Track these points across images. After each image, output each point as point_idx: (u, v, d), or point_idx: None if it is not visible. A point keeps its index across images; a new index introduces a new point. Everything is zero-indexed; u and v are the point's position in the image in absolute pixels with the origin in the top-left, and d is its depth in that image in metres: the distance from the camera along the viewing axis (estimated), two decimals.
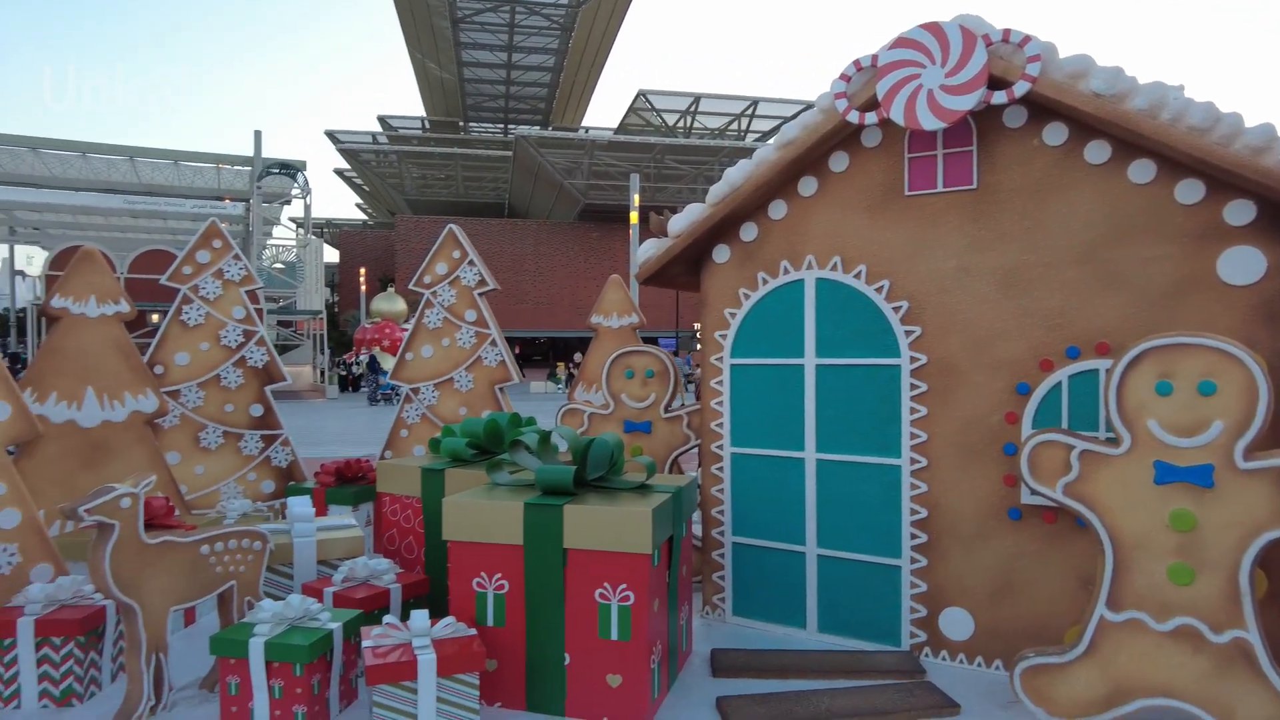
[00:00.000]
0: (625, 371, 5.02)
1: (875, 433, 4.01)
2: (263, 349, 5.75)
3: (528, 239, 43.31)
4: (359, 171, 47.16)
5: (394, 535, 4.51)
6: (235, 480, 5.59)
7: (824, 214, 4.17)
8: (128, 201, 33.61)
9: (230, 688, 3.11)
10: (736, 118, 40.37)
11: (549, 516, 3.25)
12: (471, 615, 3.33)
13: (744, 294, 4.37)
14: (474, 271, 6.02)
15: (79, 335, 4.62)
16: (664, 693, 3.42)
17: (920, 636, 3.89)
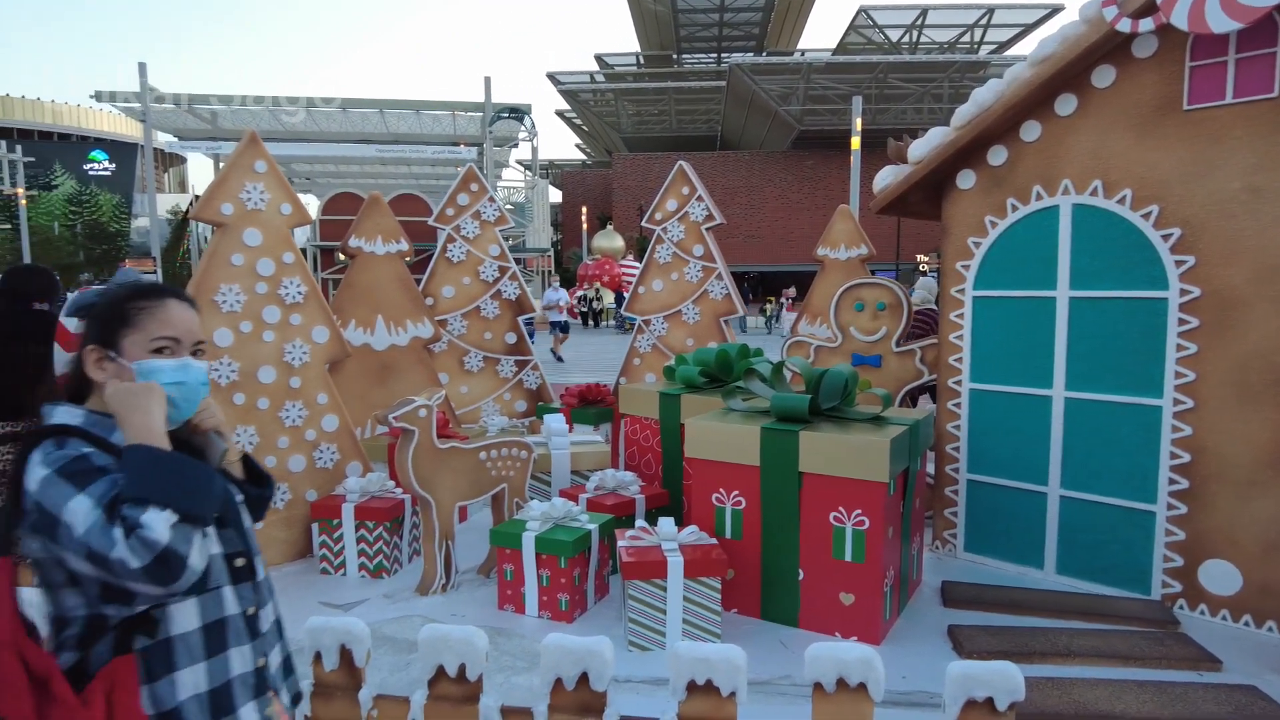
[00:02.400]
0: (855, 304, 5.00)
1: (1134, 371, 3.75)
2: (515, 283, 6.34)
3: (739, 171, 42.86)
4: (578, 111, 48.78)
5: (634, 452, 4.90)
6: (493, 399, 6.29)
7: (1084, 134, 3.87)
8: (379, 150, 37.32)
9: (506, 574, 3.63)
10: (969, 28, 36.88)
11: (785, 441, 3.41)
12: (711, 526, 3.60)
13: (990, 222, 4.18)
14: (702, 207, 6.19)
15: (370, 270, 5.38)
16: (895, 616, 3.52)
17: (1174, 587, 3.66)
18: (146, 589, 1.17)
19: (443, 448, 3.78)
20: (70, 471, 1.20)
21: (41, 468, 1.21)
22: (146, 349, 1.34)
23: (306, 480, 4.35)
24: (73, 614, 1.23)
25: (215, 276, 4.10)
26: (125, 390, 1.28)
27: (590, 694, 2.28)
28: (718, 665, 2.21)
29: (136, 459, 1.22)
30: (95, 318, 1.35)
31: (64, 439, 1.26)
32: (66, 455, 1.22)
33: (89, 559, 1.15)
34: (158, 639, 1.27)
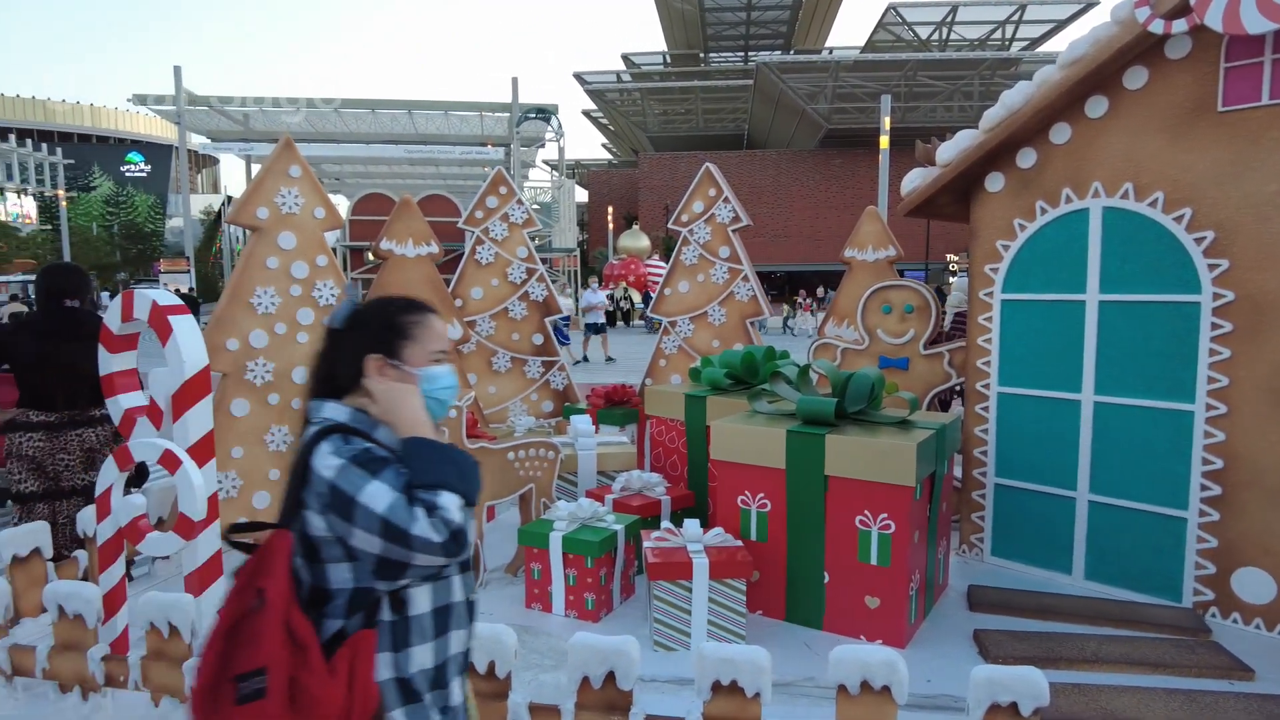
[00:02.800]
0: (882, 306, 5.00)
1: (1164, 376, 3.72)
2: (542, 284, 6.40)
3: (766, 170, 42.69)
4: (605, 111, 48.88)
5: (660, 453, 4.94)
6: (520, 400, 6.36)
7: (1115, 136, 3.84)
8: (407, 151, 37.68)
9: (534, 573, 3.68)
10: (1000, 25, 36.42)
11: (811, 444, 3.43)
12: (736, 528, 3.63)
13: (1019, 225, 4.16)
14: (728, 209, 6.20)
15: (401, 272, 5.46)
16: (920, 619, 3.52)
17: (1206, 595, 3.62)
18: (435, 561, 1.32)
19: (472, 448, 3.84)
20: (362, 461, 1.36)
21: (334, 457, 1.37)
22: (427, 358, 1.52)
23: None
24: (339, 587, 1.38)
25: (251, 279, 4.20)
26: (398, 390, 1.46)
27: (617, 692, 2.33)
28: (742, 666, 2.24)
29: (421, 449, 1.40)
30: (374, 331, 1.50)
31: (347, 434, 1.43)
32: (356, 447, 1.39)
33: (385, 535, 1.30)
34: (401, 616, 1.42)
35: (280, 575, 1.34)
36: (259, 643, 1.29)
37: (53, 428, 3.92)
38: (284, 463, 4.22)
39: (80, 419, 3.99)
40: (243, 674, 1.29)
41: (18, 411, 3.96)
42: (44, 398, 3.93)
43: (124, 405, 3.49)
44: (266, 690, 1.26)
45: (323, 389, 1.52)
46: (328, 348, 1.54)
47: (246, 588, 1.36)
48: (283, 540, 1.38)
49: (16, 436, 3.91)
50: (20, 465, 3.92)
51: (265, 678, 1.27)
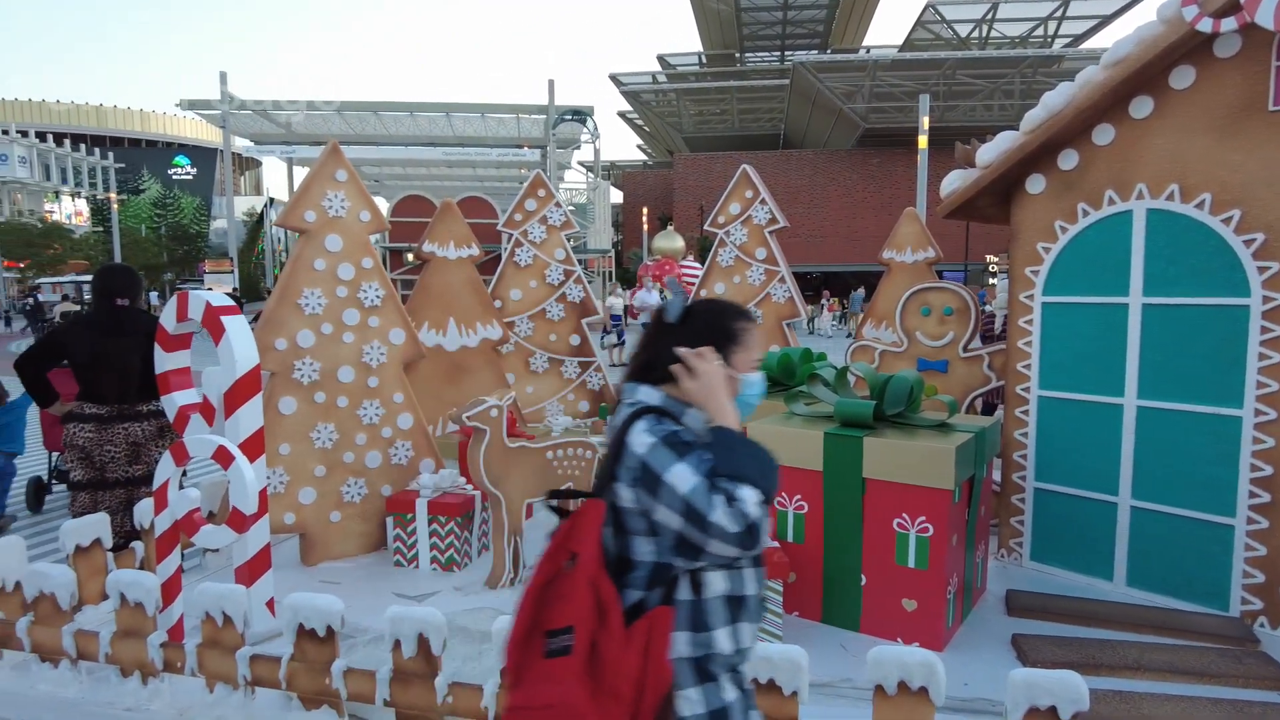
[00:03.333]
0: (921, 308, 4.97)
1: (1211, 380, 3.66)
2: (579, 286, 6.47)
3: (803, 170, 42.40)
4: (640, 112, 48.96)
5: None
6: (557, 399, 6.43)
7: (1160, 137, 3.78)
8: (445, 153, 38.14)
9: None
10: (1042, 21, 35.77)
11: (848, 447, 3.44)
12: (774, 529, 3.65)
13: (1060, 227, 4.12)
14: (765, 210, 6.22)
15: (442, 274, 5.57)
16: (958, 623, 3.51)
17: (1255, 604, 3.56)
18: (728, 550, 1.38)
19: (512, 446, 3.92)
20: (671, 442, 1.44)
21: (648, 435, 1.45)
22: (750, 365, 1.62)
23: (382, 476, 4.54)
24: (641, 559, 1.46)
25: (299, 280, 4.32)
26: (700, 386, 1.53)
27: None
28: (780, 665, 2.27)
29: (728, 440, 1.46)
30: (708, 331, 1.59)
31: (659, 415, 1.52)
32: (667, 429, 1.48)
33: (685, 515, 1.38)
34: (698, 598, 1.48)
35: (591, 540, 1.43)
36: (568, 601, 1.39)
37: (102, 420, 4.09)
38: (329, 459, 4.35)
39: (128, 413, 4.15)
40: (552, 630, 1.39)
41: (75, 404, 4.14)
42: (96, 392, 4.10)
43: (178, 402, 3.63)
44: (572, 648, 1.35)
45: (640, 374, 1.62)
46: (655, 337, 1.61)
47: (560, 549, 1.47)
48: (596, 509, 1.48)
49: (71, 427, 4.09)
50: (72, 454, 4.09)
51: (572, 635, 1.36)
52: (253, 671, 2.76)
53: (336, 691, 2.65)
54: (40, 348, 4.26)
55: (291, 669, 2.70)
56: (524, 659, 1.41)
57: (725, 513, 1.35)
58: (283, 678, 2.70)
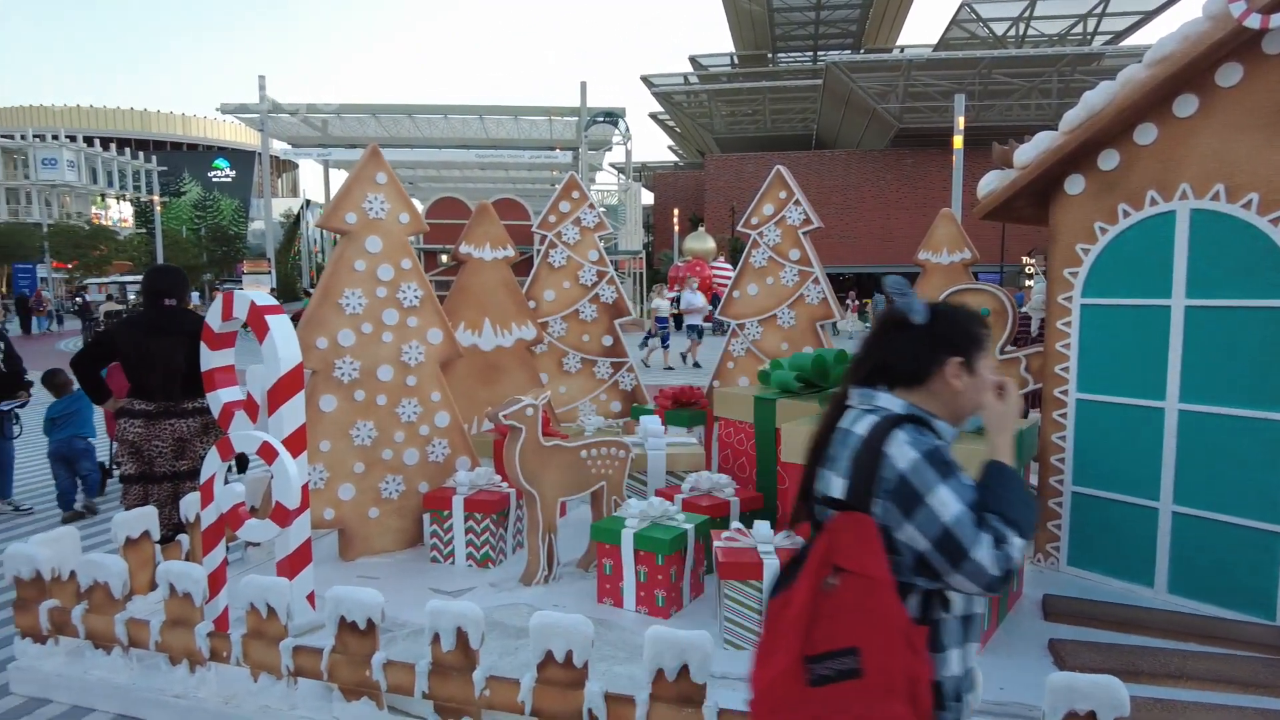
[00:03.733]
0: None
1: (1257, 384, 3.58)
2: (612, 287, 6.51)
3: (836, 170, 42.13)
4: (671, 113, 48.98)
5: (728, 455, 4.98)
6: (590, 400, 6.48)
7: (1205, 136, 3.72)
8: (478, 155, 38.52)
9: (605, 568, 3.77)
10: (1081, 18, 35.14)
11: None
12: (806, 531, 3.64)
13: (1100, 228, 4.07)
14: (799, 211, 6.20)
15: (478, 275, 5.64)
16: (993, 627, 3.48)
17: None
18: (970, 588, 1.32)
19: (547, 445, 3.96)
20: (935, 460, 1.37)
21: (911, 449, 1.38)
22: (989, 371, 1.55)
23: (419, 473, 4.62)
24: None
25: (341, 281, 4.41)
26: (1006, 414, 1.50)
27: (691, 685, 2.39)
28: None
29: (1007, 478, 1.41)
30: (956, 335, 1.52)
31: (918, 425, 1.45)
32: (930, 443, 1.41)
33: (939, 542, 1.31)
34: (939, 616, 1.43)
35: (877, 556, 1.33)
36: (844, 622, 1.30)
37: (150, 416, 4.21)
38: (368, 457, 4.43)
39: (174, 410, 4.27)
40: (824, 653, 1.29)
41: (126, 400, 4.27)
42: (144, 389, 4.23)
43: (223, 399, 3.72)
44: (861, 670, 1.26)
45: (873, 376, 1.53)
46: (894, 338, 1.53)
47: (821, 568, 1.37)
48: (863, 524, 1.37)
49: (122, 422, 4.23)
50: (123, 448, 4.23)
51: (857, 658, 1.27)
52: (295, 662, 2.83)
53: (376, 683, 2.71)
54: (92, 346, 4.41)
55: (333, 660, 2.76)
56: (789, 687, 1.31)
57: (990, 554, 1.28)
58: (324, 669, 2.77)
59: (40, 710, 3.12)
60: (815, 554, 1.39)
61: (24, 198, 50.76)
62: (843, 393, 1.57)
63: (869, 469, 1.40)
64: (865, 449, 1.42)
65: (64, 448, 5.96)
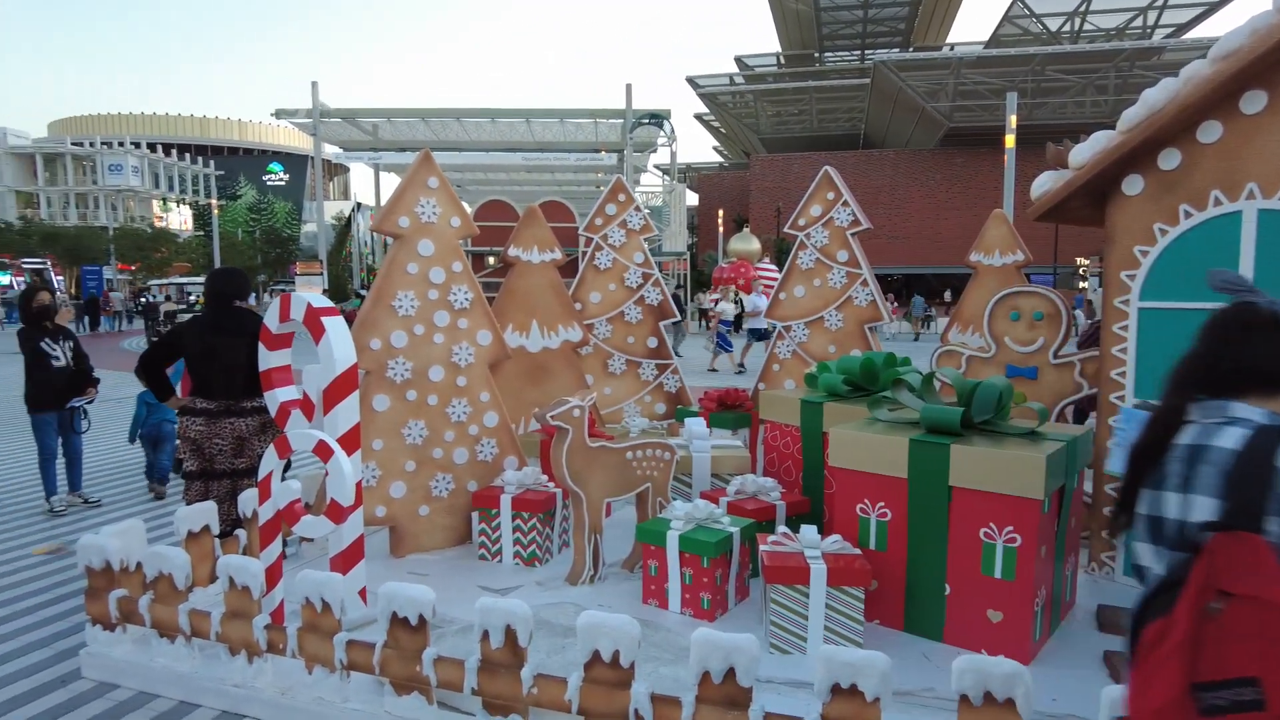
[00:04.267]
0: (1010, 313, 4.84)
1: None
2: (658, 289, 6.53)
3: (884, 170, 41.62)
4: (716, 114, 48.88)
5: (774, 458, 4.96)
6: (634, 401, 6.50)
7: (1275, 134, 3.60)
8: (525, 158, 38.85)
9: (651, 569, 3.79)
10: (1141, 11, 34.12)
11: (935, 454, 3.38)
12: (854, 536, 3.62)
13: (1160, 229, 3.96)
14: (847, 212, 6.14)
15: (526, 278, 5.71)
16: (1045, 637, 3.41)
17: None
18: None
19: (593, 446, 3.99)
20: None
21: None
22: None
23: (468, 472, 4.69)
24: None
25: (394, 283, 4.50)
26: None
27: (737, 688, 2.39)
28: (863, 669, 2.27)
29: None
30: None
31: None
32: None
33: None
34: None
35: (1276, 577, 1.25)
36: (1238, 650, 1.25)
37: (211, 415, 4.34)
38: (419, 455, 4.51)
39: (234, 409, 4.39)
40: (1216, 682, 1.25)
41: (188, 399, 4.42)
42: (206, 387, 4.36)
43: (280, 399, 3.84)
44: (1264, 703, 1.21)
45: (1220, 385, 1.46)
46: (1252, 340, 1.46)
47: (1204, 592, 1.31)
48: (1254, 543, 1.31)
49: (184, 420, 4.37)
50: (185, 446, 4.37)
51: (1259, 689, 1.22)
52: (348, 656, 2.90)
53: (427, 678, 2.76)
54: (160, 345, 4.57)
55: (385, 655, 2.83)
56: (1178, 717, 1.27)
57: None
58: (376, 663, 2.83)
59: (110, 694, 3.25)
60: (1195, 578, 1.33)
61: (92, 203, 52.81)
62: (1178, 403, 1.49)
63: (1258, 485, 1.31)
64: (1250, 464, 1.33)
65: (154, 430, 6.58)
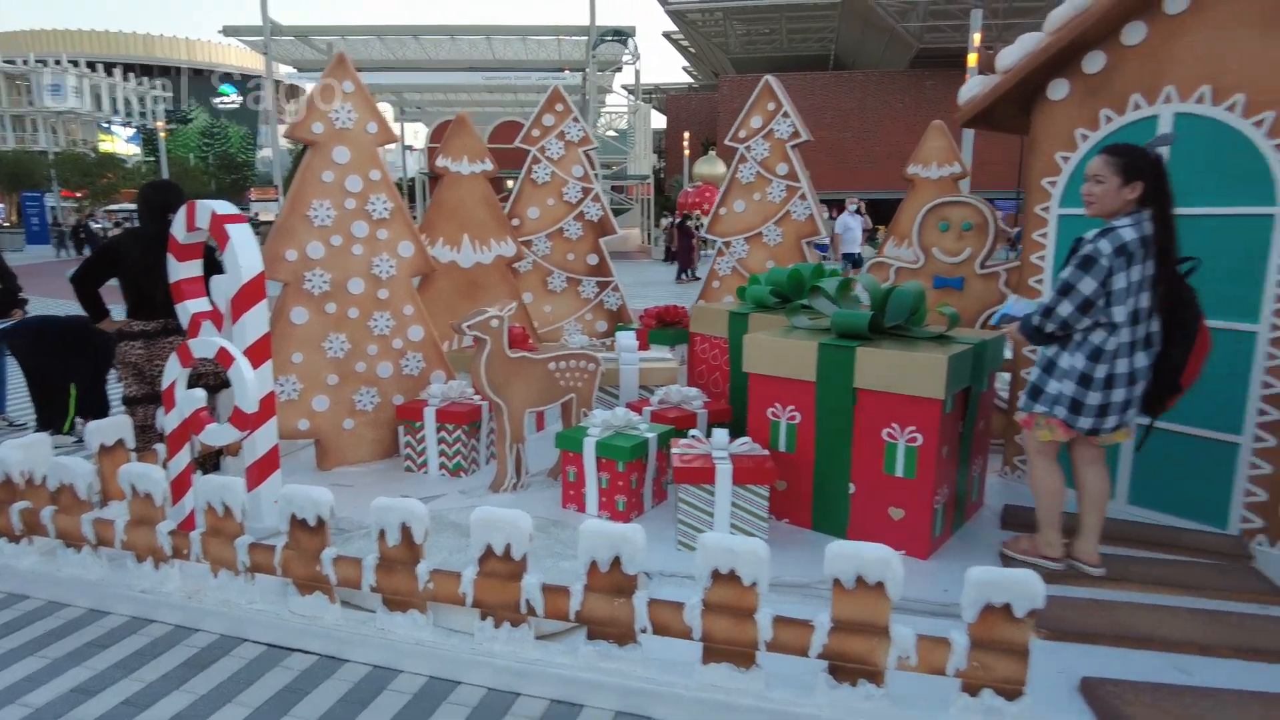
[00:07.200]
0: (940, 224, 4.83)
1: (1229, 294, 3.51)
2: (598, 204, 6.42)
3: (854, 92, 40.95)
4: (686, 33, 47.43)
5: (703, 370, 4.99)
6: (575, 319, 6.47)
7: (1197, 33, 3.55)
8: (486, 78, 37.60)
9: (569, 475, 3.83)
10: None
11: (841, 357, 3.41)
12: (766, 439, 3.67)
13: (1081, 135, 3.93)
14: (788, 124, 6.05)
15: (456, 189, 5.58)
16: (947, 534, 3.52)
17: (1255, 522, 3.48)
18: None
19: (513, 357, 3.97)
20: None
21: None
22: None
23: (394, 385, 4.66)
24: None
25: (308, 192, 4.37)
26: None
27: (622, 576, 2.44)
28: (742, 556, 2.32)
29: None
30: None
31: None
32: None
33: None
34: None
35: None
36: None
37: (150, 336, 4.20)
38: (341, 369, 4.47)
39: (173, 326, 4.24)
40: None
41: (124, 322, 4.24)
42: (147, 304, 4.18)
43: (190, 310, 3.74)
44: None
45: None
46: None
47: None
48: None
49: (122, 345, 4.20)
50: (126, 371, 4.23)
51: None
52: (251, 558, 2.91)
53: (327, 577, 2.79)
54: (95, 260, 4.31)
55: (286, 556, 2.84)
56: None
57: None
58: (277, 564, 2.85)
59: (19, 605, 3.25)
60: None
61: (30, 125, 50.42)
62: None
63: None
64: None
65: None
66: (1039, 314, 2.91)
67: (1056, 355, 2.97)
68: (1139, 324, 2.86)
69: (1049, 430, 3.02)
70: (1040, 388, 3.02)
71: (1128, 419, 2.97)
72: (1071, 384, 2.90)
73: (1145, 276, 2.83)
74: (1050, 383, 2.98)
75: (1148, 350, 2.91)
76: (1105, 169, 2.89)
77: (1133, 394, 2.91)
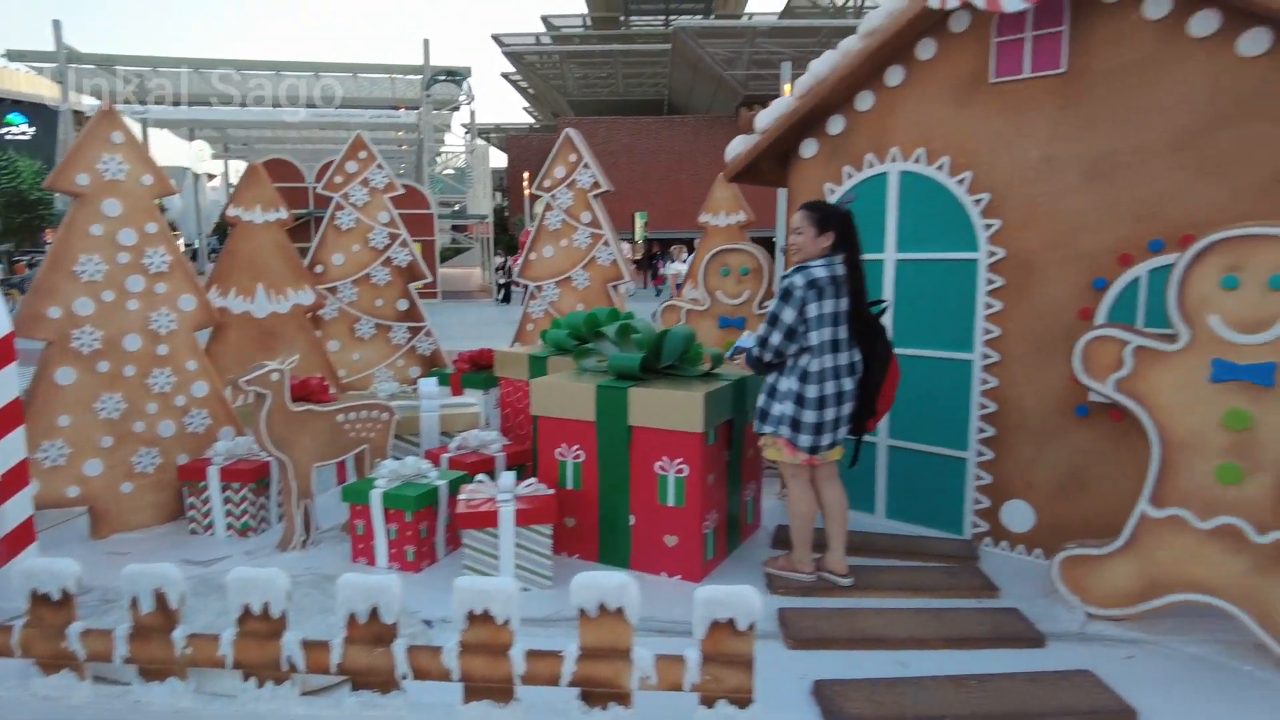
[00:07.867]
0: (721, 269, 5.22)
1: (950, 329, 4.05)
2: (405, 250, 6.43)
3: (686, 134, 42.78)
4: (523, 74, 47.95)
5: (509, 413, 5.10)
6: (386, 366, 6.41)
7: (910, 105, 4.11)
8: (315, 115, 36.34)
9: (358, 528, 3.81)
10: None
11: (617, 397, 3.64)
12: (555, 479, 3.82)
13: (829, 189, 4.42)
14: (589, 174, 6.33)
15: (249, 239, 5.42)
16: (720, 556, 3.80)
17: (982, 526, 4.00)
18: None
19: (297, 410, 3.92)
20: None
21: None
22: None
23: (177, 445, 4.45)
24: None
25: (74, 246, 4.14)
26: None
27: (381, 626, 2.49)
28: (494, 596, 2.43)
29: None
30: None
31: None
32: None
33: None
34: None
35: None
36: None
37: None
38: (116, 430, 4.24)
39: None
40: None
41: None
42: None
43: None
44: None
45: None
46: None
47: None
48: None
49: None
50: None
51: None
52: None
53: (74, 653, 2.65)
54: None
55: (26, 635, 2.68)
56: None
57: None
58: (15, 644, 2.68)
59: None
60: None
61: None
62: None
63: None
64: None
65: None
66: (756, 345, 3.27)
67: (776, 380, 3.32)
68: (840, 352, 3.25)
69: (776, 450, 3.35)
70: (766, 410, 3.36)
71: (839, 437, 3.35)
72: (791, 404, 3.24)
73: (839, 310, 3.23)
74: (774, 405, 3.32)
75: (853, 376, 3.31)
76: (803, 222, 3.31)
77: (841, 413, 3.29)
